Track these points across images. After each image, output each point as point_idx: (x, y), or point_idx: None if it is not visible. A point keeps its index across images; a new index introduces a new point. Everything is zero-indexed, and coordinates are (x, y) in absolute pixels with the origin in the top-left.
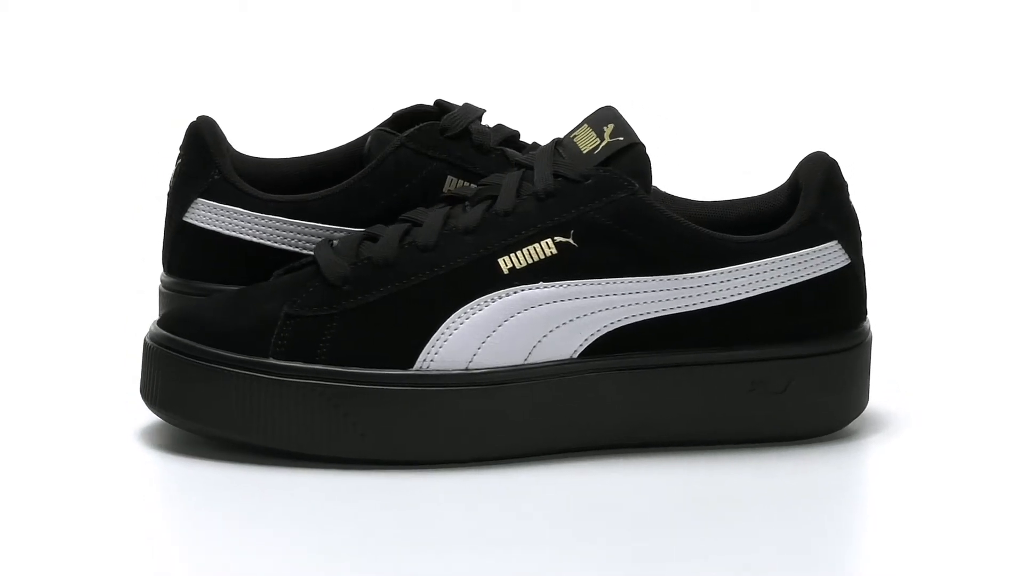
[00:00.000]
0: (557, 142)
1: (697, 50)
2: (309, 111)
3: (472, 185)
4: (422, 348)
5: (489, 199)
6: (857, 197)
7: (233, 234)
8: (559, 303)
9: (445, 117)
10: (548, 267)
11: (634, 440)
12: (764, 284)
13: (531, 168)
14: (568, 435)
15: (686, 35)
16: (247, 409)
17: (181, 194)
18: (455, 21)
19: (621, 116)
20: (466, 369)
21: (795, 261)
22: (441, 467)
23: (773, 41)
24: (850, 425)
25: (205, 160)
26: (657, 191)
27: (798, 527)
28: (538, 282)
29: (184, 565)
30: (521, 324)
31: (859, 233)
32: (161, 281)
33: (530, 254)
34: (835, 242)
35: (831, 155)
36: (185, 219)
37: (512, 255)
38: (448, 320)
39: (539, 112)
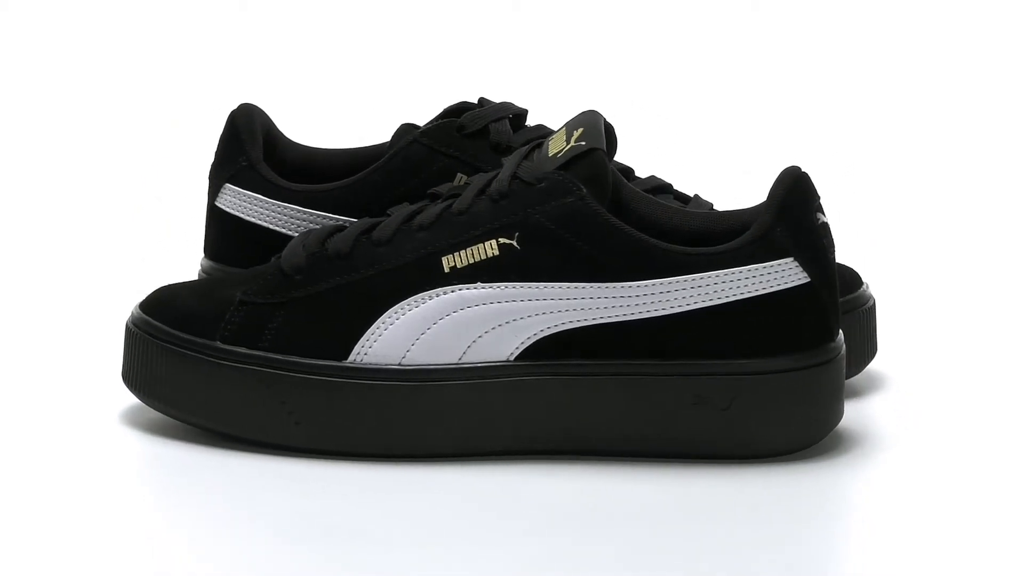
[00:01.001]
0: (536, 146)
1: (697, 50)
2: (380, 105)
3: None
4: (357, 341)
5: (453, 198)
6: (857, 196)
7: (253, 220)
8: (495, 304)
9: (465, 115)
10: (488, 268)
11: (575, 448)
12: (707, 298)
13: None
14: (503, 438)
15: (687, 35)
16: (195, 391)
17: (214, 179)
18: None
19: (596, 121)
20: (399, 365)
21: (742, 276)
22: (401, 460)
23: (774, 41)
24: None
25: (236, 147)
26: (643, 196)
27: (774, 540)
28: (476, 282)
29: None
30: (456, 323)
31: (825, 251)
32: (201, 265)
33: (472, 254)
34: (790, 259)
35: (804, 169)
36: (216, 204)
37: (455, 254)
38: (384, 315)
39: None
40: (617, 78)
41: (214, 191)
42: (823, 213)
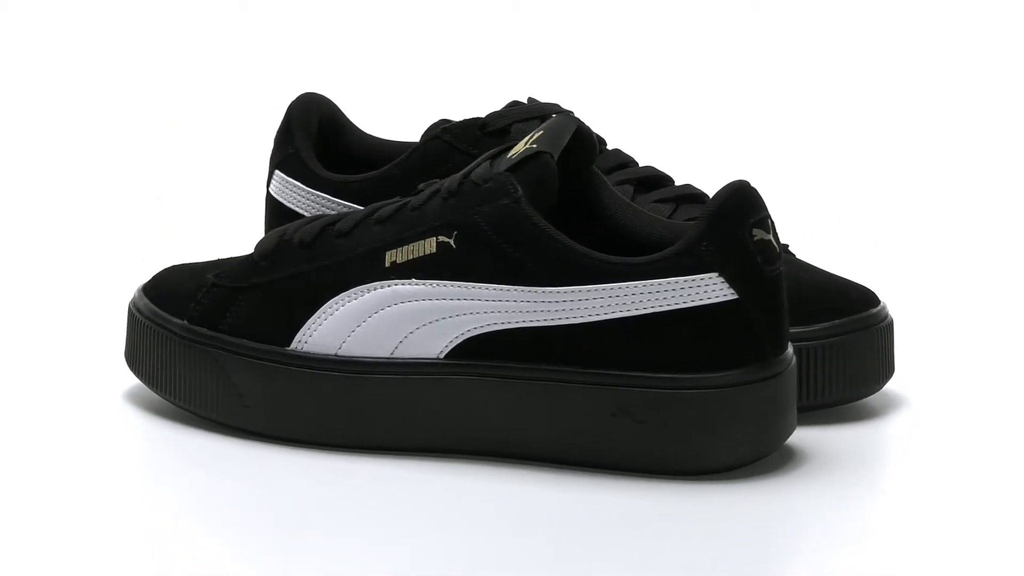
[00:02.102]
0: (507, 147)
1: (697, 50)
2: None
3: None
4: (299, 328)
5: (417, 194)
6: (856, 197)
7: (293, 207)
8: (426, 301)
9: (490, 113)
10: (423, 265)
11: (499, 451)
12: (625, 308)
13: None
14: (431, 436)
15: (688, 35)
16: (166, 369)
17: (270, 166)
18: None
19: (561, 125)
20: (335, 355)
21: (661, 288)
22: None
23: (774, 41)
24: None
25: (287, 135)
26: (627, 204)
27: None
28: (411, 278)
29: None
30: (389, 318)
31: (758, 268)
32: None
33: (413, 250)
34: (715, 274)
35: (751, 185)
36: (269, 189)
37: (398, 249)
38: (326, 305)
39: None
40: (623, 79)
41: (268, 178)
42: (767, 230)
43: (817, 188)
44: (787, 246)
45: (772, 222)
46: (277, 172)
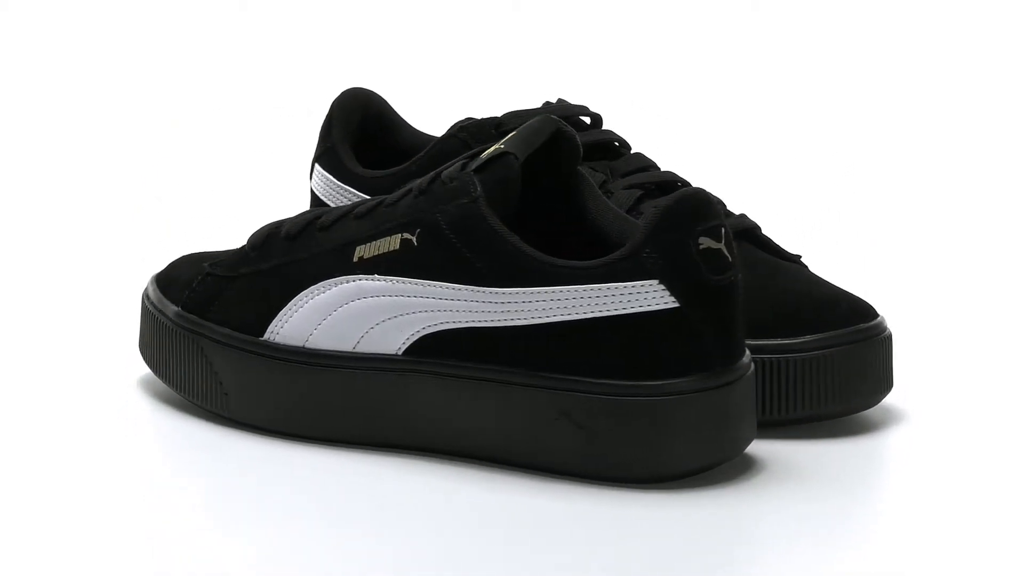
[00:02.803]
0: (485, 148)
1: (698, 49)
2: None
3: None
4: (272, 319)
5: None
6: (855, 198)
7: (326, 200)
8: (386, 298)
9: (506, 112)
10: (387, 261)
11: (452, 449)
12: (567, 312)
13: None
14: (392, 432)
15: (689, 34)
16: (162, 355)
17: (312, 159)
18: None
19: (536, 127)
20: (303, 347)
21: (601, 294)
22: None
23: (774, 40)
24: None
25: (328, 129)
26: (612, 209)
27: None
28: (374, 274)
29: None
30: (353, 312)
31: (703, 277)
32: None
33: (379, 246)
34: (655, 281)
35: (705, 193)
36: (311, 183)
37: (366, 245)
38: (297, 297)
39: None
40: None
41: (311, 171)
42: (718, 239)
43: (834, 198)
44: (799, 257)
45: (726, 232)
46: (316, 165)
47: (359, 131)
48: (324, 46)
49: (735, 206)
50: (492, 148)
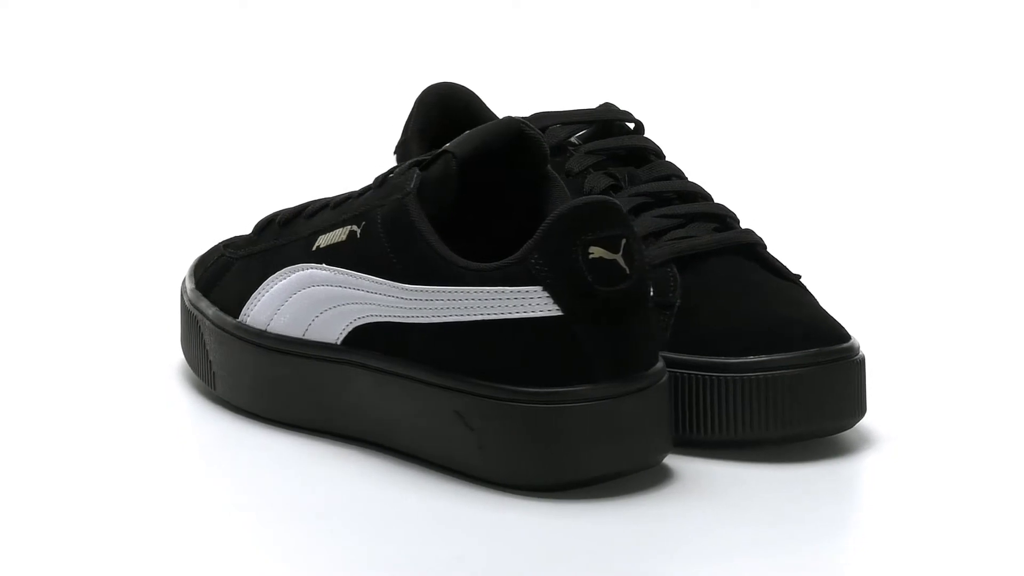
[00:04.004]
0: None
1: (697, 49)
2: None
3: None
4: (246, 302)
5: None
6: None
7: None
8: (327, 287)
9: (535, 113)
10: (334, 252)
11: (383, 442)
12: (460, 312)
13: None
14: (337, 420)
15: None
16: (182, 332)
17: (393, 151)
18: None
19: (486, 128)
20: (264, 330)
21: (490, 297)
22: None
23: (773, 40)
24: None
25: (406, 123)
26: (562, 198)
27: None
28: (323, 263)
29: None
30: (303, 300)
31: (588, 287)
32: None
33: (332, 236)
34: (539, 288)
35: (603, 202)
36: None
37: (326, 234)
38: (266, 281)
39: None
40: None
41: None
42: (616, 249)
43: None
44: (799, 276)
45: (628, 243)
46: (394, 156)
47: (439, 125)
48: (414, 41)
49: (754, 221)
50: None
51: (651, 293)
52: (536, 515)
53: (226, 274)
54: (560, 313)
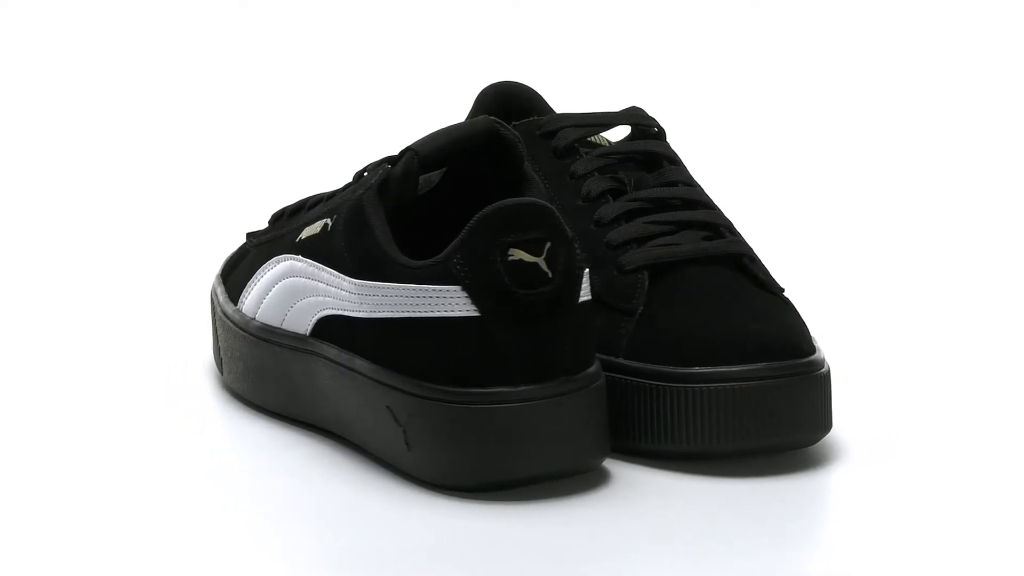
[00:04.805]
0: None
1: (697, 49)
2: None
3: None
4: (243, 289)
5: None
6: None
7: None
8: (301, 279)
9: (549, 115)
10: (310, 244)
11: (343, 435)
12: (389, 309)
13: None
14: (307, 411)
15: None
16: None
17: None
18: None
19: (459, 127)
20: (252, 318)
21: (417, 294)
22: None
23: (773, 39)
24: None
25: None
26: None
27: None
28: (299, 255)
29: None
30: (281, 290)
31: (506, 290)
32: None
33: (312, 229)
34: (458, 288)
35: (531, 204)
36: None
37: (308, 227)
38: (258, 271)
39: None
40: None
41: None
42: (538, 253)
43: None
44: (783, 289)
45: (552, 247)
46: None
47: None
48: (473, 40)
49: (762, 230)
50: None
51: (583, 297)
52: (459, 518)
53: (241, 262)
54: (478, 314)
